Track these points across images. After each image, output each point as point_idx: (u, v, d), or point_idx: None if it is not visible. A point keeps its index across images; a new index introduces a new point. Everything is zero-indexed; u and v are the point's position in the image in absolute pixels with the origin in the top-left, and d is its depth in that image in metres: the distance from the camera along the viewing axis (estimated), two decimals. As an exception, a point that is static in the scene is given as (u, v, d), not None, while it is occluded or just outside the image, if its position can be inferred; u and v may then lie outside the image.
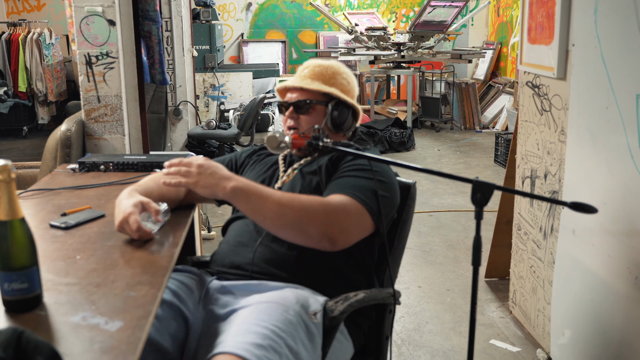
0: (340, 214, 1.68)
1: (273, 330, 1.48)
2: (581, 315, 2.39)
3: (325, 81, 2.01)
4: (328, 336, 1.63)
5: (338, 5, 9.89)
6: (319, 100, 1.98)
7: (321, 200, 1.69)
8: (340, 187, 1.76)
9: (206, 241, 4.21)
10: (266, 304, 1.60)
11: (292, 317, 1.55)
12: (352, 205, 1.71)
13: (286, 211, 1.63)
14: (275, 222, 1.65)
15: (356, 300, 1.69)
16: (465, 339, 2.97)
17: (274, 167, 2.03)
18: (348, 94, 2.03)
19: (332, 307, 1.66)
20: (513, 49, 8.76)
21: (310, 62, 2.07)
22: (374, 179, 1.79)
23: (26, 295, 1.30)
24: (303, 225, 1.64)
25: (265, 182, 1.98)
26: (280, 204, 1.64)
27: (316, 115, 1.98)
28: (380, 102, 9.41)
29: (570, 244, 2.45)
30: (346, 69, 2.08)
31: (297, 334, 1.52)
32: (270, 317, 1.53)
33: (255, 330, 1.48)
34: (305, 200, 1.67)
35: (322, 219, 1.64)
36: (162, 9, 6.09)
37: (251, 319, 1.54)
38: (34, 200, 2.15)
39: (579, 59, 2.36)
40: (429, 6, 7.79)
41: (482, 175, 6.05)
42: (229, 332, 1.51)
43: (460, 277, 3.72)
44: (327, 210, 1.66)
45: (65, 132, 2.86)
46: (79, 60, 3.01)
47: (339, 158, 1.90)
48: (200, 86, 7.66)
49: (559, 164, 2.59)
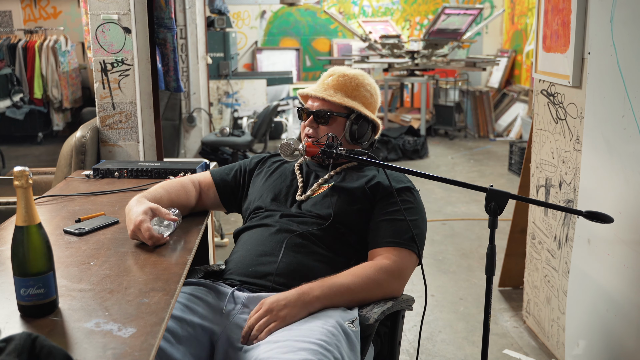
0: (402, 271, 1.79)
1: (320, 345, 1.47)
2: (596, 326, 2.37)
3: (348, 93, 1.99)
4: (364, 343, 1.65)
5: (352, 13, 9.91)
6: (339, 112, 1.97)
7: (384, 267, 1.76)
8: (396, 235, 1.82)
9: (219, 248, 4.22)
10: (301, 322, 1.60)
11: (332, 328, 1.55)
12: (408, 257, 1.81)
13: (360, 295, 1.72)
14: (354, 304, 1.73)
15: (387, 307, 1.72)
16: (478, 348, 2.95)
17: (290, 177, 2.02)
18: (370, 106, 2.03)
19: (366, 315, 1.69)
20: (527, 57, 8.73)
21: (336, 70, 2.06)
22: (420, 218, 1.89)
23: (42, 300, 1.30)
24: (375, 294, 1.75)
25: (282, 193, 1.97)
26: (354, 292, 1.71)
27: (336, 127, 1.97)
28: (393, 109, 9.40)
29: (585, 254, 2.43)
30: (370, 80, 2.06)
31: (340, 344, 1.52)
32: (312, 332, 1.53)
33: (303, 347, 1.46)
34: (370, 274, 1.74)
35: (389, 283, 1.75)
36: (177, 16, 6.14)
37: (293, 334, 1.53)
38: (49, 206, 2.17)
39: (594, 67, 2.34)
40: (443, 14, 7.79)
41: (496, 183, 6.02)
42: (273, 349, 1.49)
43: (473, 286, 3.70)
44: (393, 274, 1.76)
45: (80, 139, 2.88)
46: (94, 68, 3.03)
47: (378, 185, 1.90)
48: (214, 93, 7.69)
49: (574, 173, 2.57)
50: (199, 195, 2.07)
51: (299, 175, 2.02)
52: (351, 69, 2.06)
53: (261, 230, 1.90)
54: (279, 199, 1.96)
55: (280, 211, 1.92)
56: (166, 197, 1.93)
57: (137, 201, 1.82)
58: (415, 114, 8.68)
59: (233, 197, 2.12)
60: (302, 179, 2.00)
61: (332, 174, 1.98)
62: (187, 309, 1.69)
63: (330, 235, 1.84)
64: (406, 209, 1.85)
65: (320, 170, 2.02)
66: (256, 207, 1.98)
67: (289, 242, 1.82)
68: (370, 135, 2.04)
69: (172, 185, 2.01)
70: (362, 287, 1.71)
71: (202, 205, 2.10)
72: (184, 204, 2.00)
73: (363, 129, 1.98)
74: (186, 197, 2.01)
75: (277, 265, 1.77)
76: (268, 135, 6.67)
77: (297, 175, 2.02)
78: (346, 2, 9.90)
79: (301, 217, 1.88)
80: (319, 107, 1.98)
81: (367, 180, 1.92)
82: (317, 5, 9.81)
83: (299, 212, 1.90)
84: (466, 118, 8.85)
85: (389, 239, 1.80)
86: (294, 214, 1.90)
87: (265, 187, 2.02)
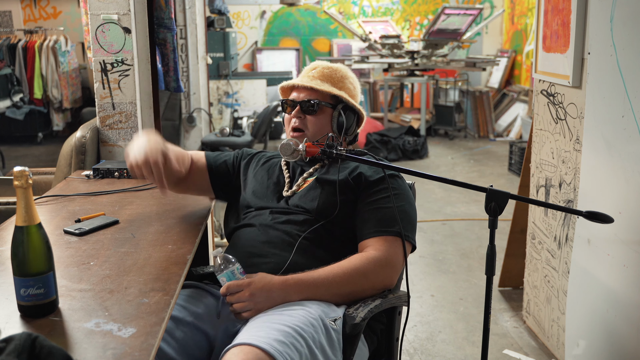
0: (391, 260, 1.74)
1: (295, 329, 1.47)
2: (596, 326, 2.36)
3: (334, 83, 1.99)
4: (352, 343, 1.63)
5: (352, 13, 9.91)
6: (327, 102, 1.96)
7: (371, 257, 1.72)
8: (382, 224, 1.78)
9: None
10: (288, 309, 1.59)
11: (313, 320, 1.55)
12: (397, 245, 1.76)
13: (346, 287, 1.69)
14: (343, 298, 1.71)
15: (375, 305, 1.69)
16: (478, 348, 2.95)
17: (276, 173, 2.02)
18: (354, 98, 2.03)
19: (352, 314, 1.66)
20: (527, 57, 8.73)
21: (318, 63, 2.05)
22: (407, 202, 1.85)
23: (42, 300, 1.30)
24: (362, 286, 1.71)
25: (270, 189, 1.97)
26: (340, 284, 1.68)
27: (323, 118, 1.96)
28: (393, 110, 9.40)
29: (585, 254, 2.43)
30: (352, 74, 2.07)
31: (317, 336, 1.52)
32: (292, 318, 1.53)
33: (276, 328, 1.47)
34: (357, 264, 1.70)
35: (376, 273, 1.71)
36: (177, 16, 6.14)
37: (273, 319, 1.53)
38: (49, 207, 2.17)
39: (594, 67, 2.34)
40: (443, 14, 7.79)
41: (496, 184, 6.01)
42: (249, 332, 1.49)
43: (473, 286, 3.70)
44: (382, 265, 1.72)
45: (80, 139, 2.88)
46: (94, 68, 3.03)
47: (360, 175, 1.88)
48: (214, 94, 7.69)
49: (574, 173, 2.57)
50: (189, 169, 2.03)
51: (285, 171, 2.01)
52: (333, 63, 2.07)
53: (249, 231, 1.89)
54: (267, 195, 1.95)
55: (268, 208, 1.91)
56: (172, 150, 1.88)
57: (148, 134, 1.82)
58: (415, 114, 8.68)
59: (223, 183, 2.09)
60: (288, 174, 2.00)
61: (316, 167, 1.97)
62: (183, 309, 1.69)
63: (317, 231, 1.82)
64: (391, 195, 1.82)
65: (305, 164, 2.01)
66: (246, 204, 1.98)
67: (277, 240, 1.81)
68: (354, 128, 2.03)
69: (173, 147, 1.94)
70: (349, 279, 1.68)
71: (190, 183, 2.06)
72: (177, 169, 1.90)
73: (350, 119, 1.98)
74: (182, 160, 1.96)
75: (268, 267, 1.75)
76: (268, 136, 6.67)
77: (283, 171, 2.02)
78: (346, 2, 9.90)
79: (289, 213, 1.87)
80: (306, 97, 1.96)
81: (350, 171, 1.90)
82: (317, 5, 9.81)
83: (286, 208, 1.89)
84: (466, 118, 8.85)
85: (375, 228, 1.78)
86: (282, 210, 1.89)
87: (253, 183, 2.01)
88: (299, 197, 1.90)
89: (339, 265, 1.71)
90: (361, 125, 2.07)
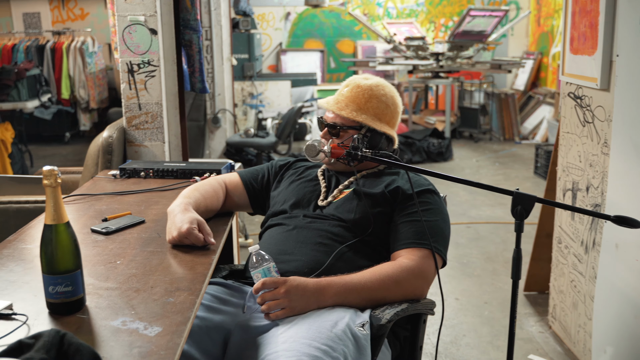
0: (424, 271, 1.76)
1: (325, 351, 1.47)
2: (624, 333, 2.33)
3: (359, 106, 1.98)
4: (376, 344, 1.64)
5: (376, 14, 9.89)
6: (350, 125, 1.98)
7: (404, 265, 1.74)
8: (416, 236, 1.80)
9: (243, 249, 4.23)
10: (314, 319, 1.60)
11: (340, 332, 1.55)
12: (430, 258, 1.78)
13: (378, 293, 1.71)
14: (373, 304, 1.72)
15: (401, 309, 1.70)
16: (503, 353, 2.92)
17: (313, 182, 2.04)
18: (383, 117, 2.00)
19: (378, 315, 1.67)
20: (554, 59, 8.64)
21: (353, 80, 2.04)
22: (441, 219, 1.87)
23: (70, 298, 1.32)
24: (394, 293, 1.73)
25: (305, 198, 1.99)
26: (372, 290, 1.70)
27: (348, 141, 1.97)
28: (418, 112, 9.36)
29: (613, 259, 2.40)
30: (387, 90, 2.02)
31: (347, 350, 1.52)
32: (320, 334, 1.52)
33: (307, 352, 1.46)
34: (390, 271, 1.72)
35: (409, 282, 1.73)
36: (203, 18, 6.18)
37: (301, 335, 1.53)
38: (76, 206, 2.19)
39: (623, 69, 2.31)
40: (468, 16, 7.74)
41: (521, 187, 5.94)
42: (277, 348, 1.50)
43: (498, 290, 3.67)
44: (415, 274, 1.74)
45: (106, 139, 2.91)
46: (120, 68, 3.06)
47: (398, 189, 1.90)
48: (239, 95, 7.73)
49: (601, 177, 2.54)
50: (225, 197, 2.10)
51: (322, 181, 2.03)
52: (369, 79, 2.03)
53: (281, 229, 1.92)
54: (302, 204, 1.98)
55: (302, 213, 1.95)
56: (203, 202, 1.96)
57: (182, 208, 1.84)
58: (440, 116, 8.63)
59: (260, 198, 2.15)
60: (325, 184, 2.02)
61: (352, 180, 1.99)
62: (207, 308, 1.71)
63: (351, 236, 1.84)
64: (425, 210, 1.85)
65: (341, 176, 2.03)
66: (280, 210, 2.00)
67: (309, 241, 1.83)
68: (386, 145, 2.02)
69: (206, 189, 2.03)
70: (381, 285, 1.70)
71: (228, 207, 2.12)
72: (214, 209, 2.04)
73: (375, 141, 1.97)
74: (217, 201, 2.05)
75: (297, 264, 1.78)
76: (292, 137, 6.68)
77: (320, 181, 2.03)
78: (371, 4, 9.88)
79: (323, 220, 1.90)
80: (332, 120, 2.00)
81: (387, 185, 1.92)
82: (342, 7, 9.81)
83: (321, 215, 1.92)
84: (491, 120, 8.78)
85: (410, 240, 1.80)
86: (316, 216, 1.92)
87: (289, 192, 2.04)
88: (335, 207, 1.92)
89: (370, 271, 1.72)
90: (394, 143, 2.06)
